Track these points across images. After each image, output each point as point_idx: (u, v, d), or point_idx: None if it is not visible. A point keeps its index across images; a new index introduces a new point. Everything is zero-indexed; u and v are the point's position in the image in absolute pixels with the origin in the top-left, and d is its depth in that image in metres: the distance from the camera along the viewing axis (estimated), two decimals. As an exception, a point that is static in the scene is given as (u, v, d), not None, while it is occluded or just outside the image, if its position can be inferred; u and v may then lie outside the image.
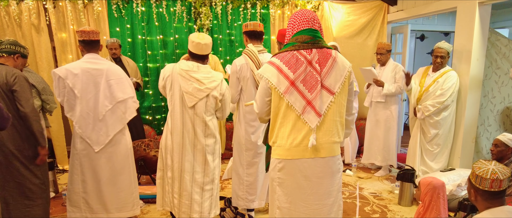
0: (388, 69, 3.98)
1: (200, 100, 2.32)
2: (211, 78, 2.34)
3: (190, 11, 4.54)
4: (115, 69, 2.58)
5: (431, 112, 3.38)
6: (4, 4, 4.03)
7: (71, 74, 2.44)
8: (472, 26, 3.27)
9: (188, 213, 2.48)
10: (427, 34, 6.90)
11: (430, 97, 3.40)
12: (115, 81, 2.53)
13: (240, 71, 2.64)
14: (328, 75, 1.69)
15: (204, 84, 2.32)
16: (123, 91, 2.57)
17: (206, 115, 2.37)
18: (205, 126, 2.39)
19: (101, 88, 2.50)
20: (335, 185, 1.77)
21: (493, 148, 2.80)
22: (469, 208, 2.58)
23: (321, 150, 1.70)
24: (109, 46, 3.97)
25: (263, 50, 2.69)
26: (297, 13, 1.74)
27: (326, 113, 1.69)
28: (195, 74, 2.32)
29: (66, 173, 4.33)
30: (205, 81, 2.32)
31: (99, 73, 2.50)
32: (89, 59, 2.52)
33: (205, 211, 2.50)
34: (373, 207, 3.28)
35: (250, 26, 2.66)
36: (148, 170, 3.62)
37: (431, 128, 3.46)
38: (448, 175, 3.16)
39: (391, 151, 4.07)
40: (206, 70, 2.37)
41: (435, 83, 3.40)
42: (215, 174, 2.53)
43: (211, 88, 2.33)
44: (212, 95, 2.34)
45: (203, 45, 2.33)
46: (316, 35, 1.71)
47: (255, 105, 1.86)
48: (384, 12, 4.66)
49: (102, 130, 2.54)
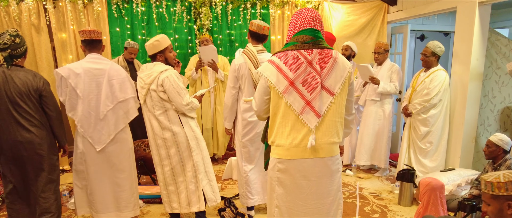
0: (384, 68, 4.01)
1: (144, 96, 2.47)
2: (149, 73, 2.42)
3: (190, 11, 4.54)
4: (117, 69, 2.59)
5: (417, 110, 3.47)
6: (4, 4, 4.03)
7: (73, 73, 2.47)
8: (472, 26, 3.27)
9: (168, 202, 2.66)
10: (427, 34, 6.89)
11: (418, 96, 3.50)
12: (116, 81, 2.55)
13: (239, 70, 2.66)
14: (328, 75, 1.68)
15: (144, 81, 2.43)
16: (125, 91, 2.59)
17: (156, 110, 2.46)
18: (158, 121, 2.48)
19: (103, 88, 2.52)
20: (334, 184, 1.77)
21: (485, 148, 2.81)
22: (469, 208, 2.59)
23: (320, 150, 1.70)
24: (129, 49, 4.00)
25: (262, 50, 2.70)
26: (299, 12, 1.74)
27: (326, 114, 1.68)
28: (140, 73, 2.48)
29: (66, 173, 4.33)
30: (145, 78, 2.43)
31: (101, 73, 2.52)
32: (91, 59, 2.54)
33: (183, 202, 2.61)
34: (373, 207, 3.28)
35: (254, 27, 2.65)
36: (148, 170, 3.61)
37: (421, 126, 3.52)
38: (448, 175, 3.16)
39: (380, 151, 4.08)
40: (150, 67, 2.46)
41: (422, 83, 3.48)
42: (187, 167, 2.56)
43: (148, 83, 2.41)
44: (151, 89, 2.42)
45: (149, 45, 2.44)
46: (317, 35, 1.71)
47: (254, 103, 1.87)
48: (384, 12, 4.66)
49: (104, 130, 2.55)
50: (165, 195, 2.66)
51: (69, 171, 4.37)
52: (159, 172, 2.61)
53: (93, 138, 2.55)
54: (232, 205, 3.06)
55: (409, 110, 3.57)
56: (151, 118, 2.51)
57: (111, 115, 2.56)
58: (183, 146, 2.52)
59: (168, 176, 2.59)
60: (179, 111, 2.48)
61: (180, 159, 2.55)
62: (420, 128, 3.51)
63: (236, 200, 3.33)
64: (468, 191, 3.04)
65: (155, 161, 2.61)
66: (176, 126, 2.49)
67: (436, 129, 3.48)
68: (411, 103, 3.56)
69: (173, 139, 2.49)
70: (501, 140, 2.70)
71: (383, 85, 3.87)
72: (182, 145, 2.52)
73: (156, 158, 2.59)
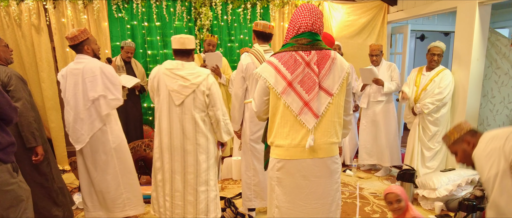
0: (383, 68, 4.02)
1: (187, 96, 2.28)
2: (196, 73, 2.30)
3: (190, 11, 4.54)
4: (91, 67, 2.52)
5: (430, 109, 3.40)
6: (4, 5, 4.03)
7: (61, 76, 2.55)
8: (472, 26, 3.27)
9: (181, 214, 2.43)
10: (427, 34, 6.90)
11: (429, 95, 3.43)
12: (89, 79, 2.51)
13: (246, 70, 2.63)
14: (327, 76, 1.68)
15: (189, 81, 2.28)
16: (94, 89, 2.51)
17: (196, 113, 2.31)
18: (195, 124, 2.32)
19: (79, 88, 2.51)
20: (333, 184, 1.77)
21: None
22: (469, 208, 2.59)
23: (319, 150, 1.70)
24: (125, 48, 3.99)
25: (269, 50, 2.69)
26: (300, 12, 1.72)
27: (324, 114, 1.69)
28: (179, 72, 2.29)
29: (66, 173, 4.34)
30: (190, 77, 2.28)
31: (78, 72, 2.52)
32: (76, 59, 2.58)
33: (201, 213, 2.43)
34: (373, 207, 3.28)
35: (259, 26, 2.64)
36: (148, 170, 3.62)
37: (431, 126, 3.48)
38: (448, 175, 3.16)
39: (395, 150, 4.08)
40: (191, 66, 2.33)
41: (432, 82, 3.44)
42: (210, 175, 2.45)
43: (196, 83, 2.28)
44: (198, 90, 2.28)
45: (185, 39, 2.32)
46: (316, 38, 1.71)
47: (253, 104, 1.87)
48: (384, 12, 4.66)
49: (82, 129, 2.55)
50: (179, 207, 2.42)
51: (69, 171, 4.37)
52: (178, 180, 2.38)
53: (73, 138, 2.57)
54: (232, 205, 3.06)
55: (419, 109, 3.48)
56: (185, 121, 2.32)
57: (87, 114, 2.53)
58: (212, 153, 2.44)
59: (189, 185, 2.39)
60: (213, 116, 2.39)
61: (208, 167, 2.43)
62: (431, 129, 3.47)
63: (236, 200, 3.33)
64: (470, 191, 3.04)
65: (175, 168, 2.38)
66: (211, 133, 2.42)
67: (443, 128, 3.48)
68: (421, 103, 3.47)
69: (206, 145, 2.39)
70: None
71: (387, 84, 3.88)
72: (211, 152, 2.43)
73: (177, 165, 2.37)
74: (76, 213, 3.19)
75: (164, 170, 2.42)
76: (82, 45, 2.55)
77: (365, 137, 4.23)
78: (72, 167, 3.62)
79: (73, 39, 2.51)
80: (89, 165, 2.62)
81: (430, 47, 3.51)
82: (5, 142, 1.80)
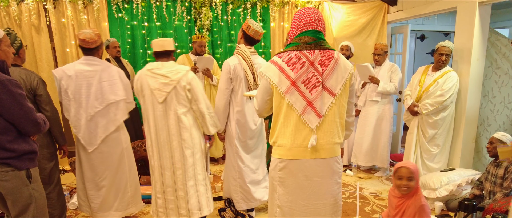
0: (384, 69, 4.01)
1: (168, 93, 2.34)
2: (175, 70, 2.36)
3: (190, 11, 4.54)
4: (110, 71, 2.57)
5: (429, 111, 3.36)
6: (4, 5, 4.03)
7: (65, 75, 2.50)
8: (472, 26, 3.27)
9: (175, 209, 2.47)
10: (427, 34, 6.90)
11: (430, 97, 3.39)
12: (107, 82, 2.54)
13: (234, 71, 2.62)
14: (330, 76, 1.69)
15: (169, 77, 2.34)
16: (115, 93, 2.57)
17: (179, 109, 2.36)
18: (178, 120, 2.37)
19: (93, 90, 2.51)
20: (335, 185, 1.77)
21: (489, 145, 2.84)
22: (469, 208, 2.59)
23: (322, 150, 1.70)
24: (112, 45, 3.96)
25: (253, 52, 2.71)
26: (302, 12, 1.74)
27: (327, 114, 1.69)
28: (159, 71, 2.36)
29: (66, 174, 4.34)
30: (170, 75, 2.34)
31: (93, 75, 2.52)
32: (85, 61, 2.56)
33: (193, 207, 2.47)
34: (373, 207, 3.28)
35: (251, 31, 2.63)
36: (148, 170, 3.60)
37: (429, 128, 3.46)
38: (448, 175, 3.16)
39: (380, 151, 4.08)
40: (170, 65, 2.39)
41: (435, 84, 3.38)
42: (197, 169, 2.47)
43: (176, 79, 2.33)
44: (179, 86, 2.33)
45: (164, 41, 2.40)
46: (319, 37, 1.71)
47: (255, 102, 1.87)
48: (384, 12, 4.66)
49: (95, 131, 2.56)
50: (172, 202, 2.48)
51: (69, 171, 4.37)
52: (168, 176, 2.44)
53: (85, 139, 2.57)
54: (232, 205, 3.06)
55: (419, 108, 3.45)
56: (169, 118, 2.37)
57: (101, 117, 2.55)
58: (197, 148, 2.47)
59: (179, 180, 2.44)
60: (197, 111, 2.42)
61: (194, 161, 2.46)
62: (428, 131, 3.45)
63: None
64: (469, 191, 3.04)
65: (164, 165, 2.44)
66: (195, 128, 2.44)
67: (443, 131, 3.44)
68: (422, 103, 3.44)
69: (191, 140, 2.43)
70: (504, 135, 2.75)
71: (383, 84, 3.87)
72: (196, 147, 2.46)
73: (165, 161, 2.43)
74: (76, 213, 3.19)
75: (154, 169, 2.49)
76: (97, 49, 2.58)
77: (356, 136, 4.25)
78: (72, 167, 3.62)
79: (92, 43, 2.51)
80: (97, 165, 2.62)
81: (438, 46, 3.43)
82: (21, 150, 1.80)
